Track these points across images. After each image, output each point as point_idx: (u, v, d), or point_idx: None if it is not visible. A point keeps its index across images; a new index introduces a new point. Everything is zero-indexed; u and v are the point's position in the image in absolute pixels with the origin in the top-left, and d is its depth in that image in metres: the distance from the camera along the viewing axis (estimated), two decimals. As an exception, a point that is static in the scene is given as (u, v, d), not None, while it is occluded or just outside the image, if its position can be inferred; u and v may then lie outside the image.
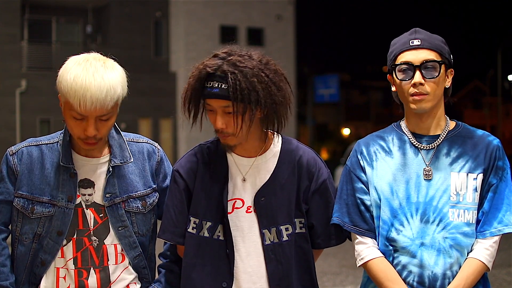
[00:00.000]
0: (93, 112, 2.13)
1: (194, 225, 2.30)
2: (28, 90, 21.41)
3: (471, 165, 2.28)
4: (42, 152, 2.31)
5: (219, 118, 2.20)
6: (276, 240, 2.27)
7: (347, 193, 2.36)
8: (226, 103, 2.17)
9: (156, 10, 24.11)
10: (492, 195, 2.28)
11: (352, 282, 7.77)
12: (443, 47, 2.30)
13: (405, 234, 2.27)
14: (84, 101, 2.10)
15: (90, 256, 2.28)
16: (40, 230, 2.26)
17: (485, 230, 2.27)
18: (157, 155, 2.43)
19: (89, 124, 2.16)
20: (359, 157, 2.38)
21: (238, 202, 2.30)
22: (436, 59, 2.27)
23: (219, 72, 2.17)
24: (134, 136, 2.44)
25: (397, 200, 2.29)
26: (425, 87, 2.25)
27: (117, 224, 2.30)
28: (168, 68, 24.53)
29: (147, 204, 2.37)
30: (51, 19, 23.33)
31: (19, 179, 2.28)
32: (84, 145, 2.23)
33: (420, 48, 2.28)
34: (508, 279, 7.78)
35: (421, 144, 2.32)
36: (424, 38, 2.30)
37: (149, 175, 2.39)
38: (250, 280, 2.27)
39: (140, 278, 2.38)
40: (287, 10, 25.98)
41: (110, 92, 2.13)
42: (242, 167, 2.31)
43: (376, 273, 2.29)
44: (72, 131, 2.22)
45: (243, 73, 2.16)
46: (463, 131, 2.35)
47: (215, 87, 2.17)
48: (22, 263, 2.30)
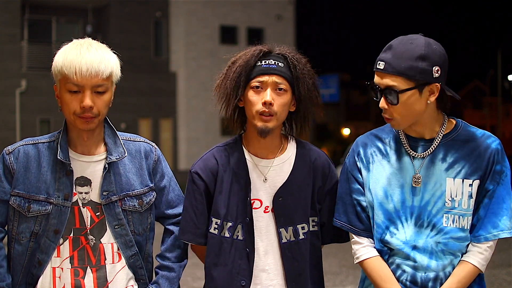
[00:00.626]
0: (88, 79, 2.17)
1: (216, 226, 2.36)
2: (28, 90, 21.43)
3: (467, 171, 2.25)
4: (39, 150, 2.31)
5: (270, 93, 2.29)
6: (293, 239, 2.35)
7: (345, 192, 2.38)
8: (280, 79, 2.30)
9: (156, 10, 24.12)
10: (488, 201, 2.25)
11: (352, 282, 7.77)
12: (411, 67, 2.14)
13: (398, 237, 2.27)
14: (80, 67, 2.16)
15: (87, 255, 2.28)
16: (37, 229, 2.26)
17: (480, 235, 2.25)
18: (155, 154, 2.43)
19: (85, 95, 2.19)
20: (356, 158, 2.38)
21: (257, 202, 2.36)
22: (398, 85, 2.15)
23: (277, 52, 2.34)
24: (131, 135, 2.45)
25: (392, 204, 2.28)
26: (390, 112, 2.20)
27: (114, 223, 2.30)
28: (168, 68, 24.53)
29: (144, 202, 2.37)
30: (51, 19, 23.35)
31: (16, 177, 2.28)
32: (81, 122, 2.22)
33: (383, 73, 2.18)
34: (508, 279, 7.78)
35: (414, 152, 2.28)
36: (389, 60, 2.15)
37: (146, 174, 2.39)
38: (268, 278, 2.34)
39: (137, 279, 2.37)
40: (287, 10, 25.99)
41: (104, 60, 2.20)
42: (262, 168, 2.38)
43: (370, 272, 2.32)
44: (68, 108, 2.22)
45: (297, 60, 2.35)
46: (462, 134, 2.29)
47: (272, 64, 2.30)
48: (19, 263, 2.29)
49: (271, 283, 2.35)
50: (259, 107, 2.28)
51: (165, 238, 2.47)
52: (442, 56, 2.19)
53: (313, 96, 2.37)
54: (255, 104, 2.29)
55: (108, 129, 2.37)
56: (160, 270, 2.43)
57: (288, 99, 2.32)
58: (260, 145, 2.37)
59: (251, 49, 2.36)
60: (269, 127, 2.30)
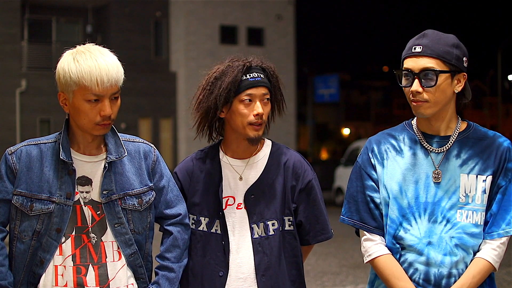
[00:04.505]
0: (109, 89, 2.24)
1: (193, 221, 2.53)
2: (28, 90, 21.43)
3: (481, 167, 2.30)
4: (41, 150, 2.33)
5: (261, 104, 2.46)
6: (263, 234, 2.49)
7: (357, 190, 2.40)
8: (266, 91, 2.48)
9: (156, 10, 24.11)
10: (501, 197, 2.30)
11: (352, 282, 7.78)
12: (449, 52, 2.26)
13: (412, 233, 2.30)
14: (101, 79, 2.21)
15: (89, 253, 2.30)
16: (40, 227, 2.28)
17: (493, 232, 2.29)
18: (153, 154, 2.47)
19: (105, 104, 2.25)
20: (370, 155, 2.41)
21: (230, 199, 2.52)
22: (436, 67, 2.24)
23: (255, 65, 2.50)
24: (131, 136, 2.50)
25: (406, 199, 2.31)
26: (423, 95, 2.26)
27: (114, 221, 2.33)
28: (168, 68, 24.54)
29: (143, 202, 2.40)
30: (51, 19, 23.34)
31: (18, 177, 2.30)
32: (100, 129, 2.28)
33: (420, 56, 2.26)
34: (508, 279, 7.80)
35: (431, 146, 2.33)
36: (427, 44, 2.26)
37: (145, 174, 2.42)
38: (239, 271, 2.48)
39: (136, 278, 2.39)
40: (287, 10, 25.98)
41: (119, 68, 2.27)
42: (237, 168, 2.54)
43: (383, 270, 2.32)
44: (86, 118, 2.26)
45: (273, 70, 2.54)
46: (474, 133, 2.36)
47: (257, 77, 2.46)
48: (21, 262, 2.31)
49: (242, 276, 2.47)
50: (251, 118, 2.44)
51: (164, 239, 2.49)
52: (467, 51, 2.33)
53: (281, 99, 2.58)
54: (247, 116, 2.44)
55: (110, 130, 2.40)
56: (160, 271, 2.44)
57: (270, 106, 2.53)
58: (239, 149, 2.54)
59: (234, 64, 2.48)
60: (260, 135, 2.49)
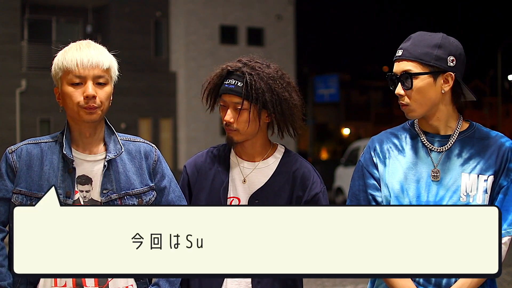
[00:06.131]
0: (90, 70, 2.25)
1: None
2: (28, 90, 21.43)
3: (482, 166, 2.29)
4: (42, 149, 2.34)
5: (229, 112, 2.45)
6: None
7: (359, 189, 2.40)
8: (238, 100, 2.42)
9: (156, 10, 24.12)
10: (503, 197, 2.29)
11: (352, 282, 7.78)
12: (427, 53, 2.23)
13: None
14: (81, 59, 2.24)
15: None
16: (39, 228, 2.28)
17: None
18: (155, 154, 2.46)
19: (87, 85, 2.25)
20: (372, 154, 2.41)
21: (235, 200, 2.51)
22: (413, 70, 2.23)
23: (238, 72, 2.45)
24: (131, 136, 2.50)
25: (407, 198, 2.31)
26: (405, 98, 2.27)
27: None
28: (168, 68, 24.54)
29: (143, 201, 2.39)
30: (51, 19, 23.34)
31: (18, 175, 2.30)
32: (85, 113, 2.26)
33: (401, 59, 2.27)
34: (508, 279, 7.79)
35: (432, 145, 2.33)
36: (407, 47, 2.26)
37: (146, 174, 2.41)
38: None
39: (136, 279, 2.38)
40: (287, 10, 26.00)
41: (103, 53, 2.30)
42: (244, 170, 2.52)
43: None
44: (71, 101, 2.26)
45: (259, 76, 2.43)
46: (476, 132, 2.35)
47: (232, 84, 2.43)
48: (20, 262, 2.30)
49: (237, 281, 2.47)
50: (224, 122, 2.47)
51: None
52: (458, 49, 2.28)
53: (285, 106, 2.45)
54: (222, 119, 2.48)
55: (107, 129, 2.41)
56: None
57: (247, 116, 2.44)
58: (242, 149, 2.54)
59: (222, 67, 2.50)
60: (234, 139, 2.48)
